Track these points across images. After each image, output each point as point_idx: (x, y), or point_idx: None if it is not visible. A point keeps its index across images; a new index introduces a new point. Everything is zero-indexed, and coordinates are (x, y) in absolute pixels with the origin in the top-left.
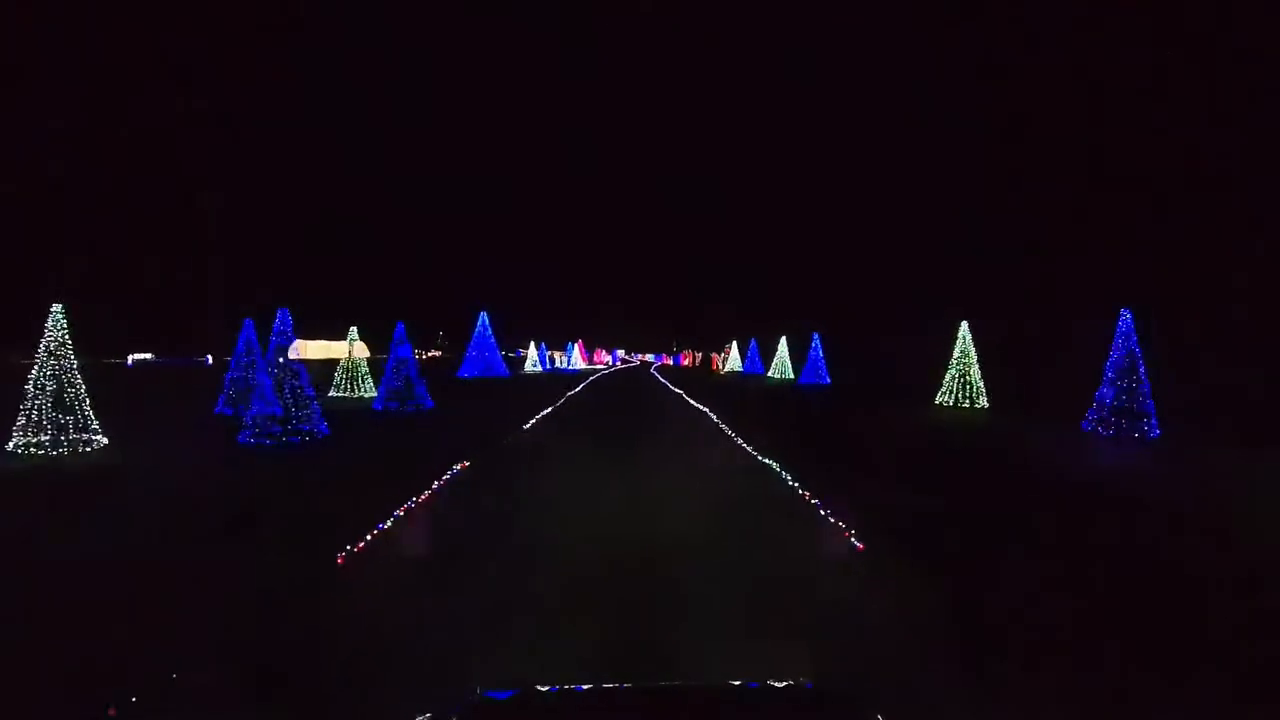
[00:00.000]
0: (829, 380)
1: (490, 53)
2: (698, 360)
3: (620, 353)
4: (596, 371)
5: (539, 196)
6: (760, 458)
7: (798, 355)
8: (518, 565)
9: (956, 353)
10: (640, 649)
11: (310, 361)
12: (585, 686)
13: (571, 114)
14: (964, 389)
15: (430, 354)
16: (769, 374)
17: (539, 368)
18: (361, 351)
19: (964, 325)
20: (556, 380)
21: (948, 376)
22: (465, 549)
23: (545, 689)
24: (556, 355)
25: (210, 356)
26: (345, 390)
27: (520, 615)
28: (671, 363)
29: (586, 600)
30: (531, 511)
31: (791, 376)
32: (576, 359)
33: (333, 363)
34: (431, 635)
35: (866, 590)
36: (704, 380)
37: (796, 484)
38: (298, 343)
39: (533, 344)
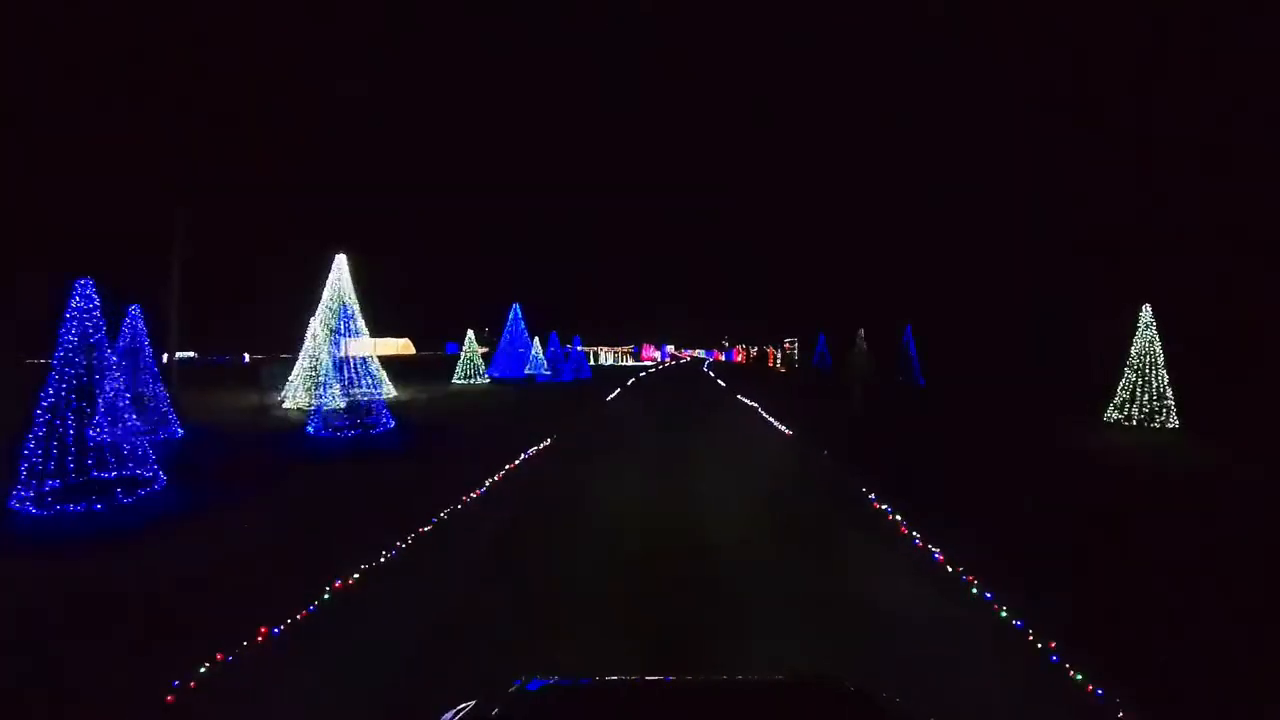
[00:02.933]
0: (923, 382)
1: (519, 43)
2: (752, 356)
3: (670, 348)
4: (643, 370)
5: (579, 186)
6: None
7: (882, 350)
8: None
9: (1136, 348)
10: None
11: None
12: (620, 678)
13: (620, 99)
14: (1145, 400)
15: (479, 349)
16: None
17: (581, 364)
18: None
19: (1146, 311)
20: (589, 385)
21: (1123, 383)
22: None
23: (583, 680)
24: (601, 351)
25: (247, 355)
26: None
27: None
28: (724, 359)
29: None
30: None
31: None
32: (621, 356)
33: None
34: None
35: None
36: (773, 382)
37: None
38: (341, 340)
39: (578, 340)
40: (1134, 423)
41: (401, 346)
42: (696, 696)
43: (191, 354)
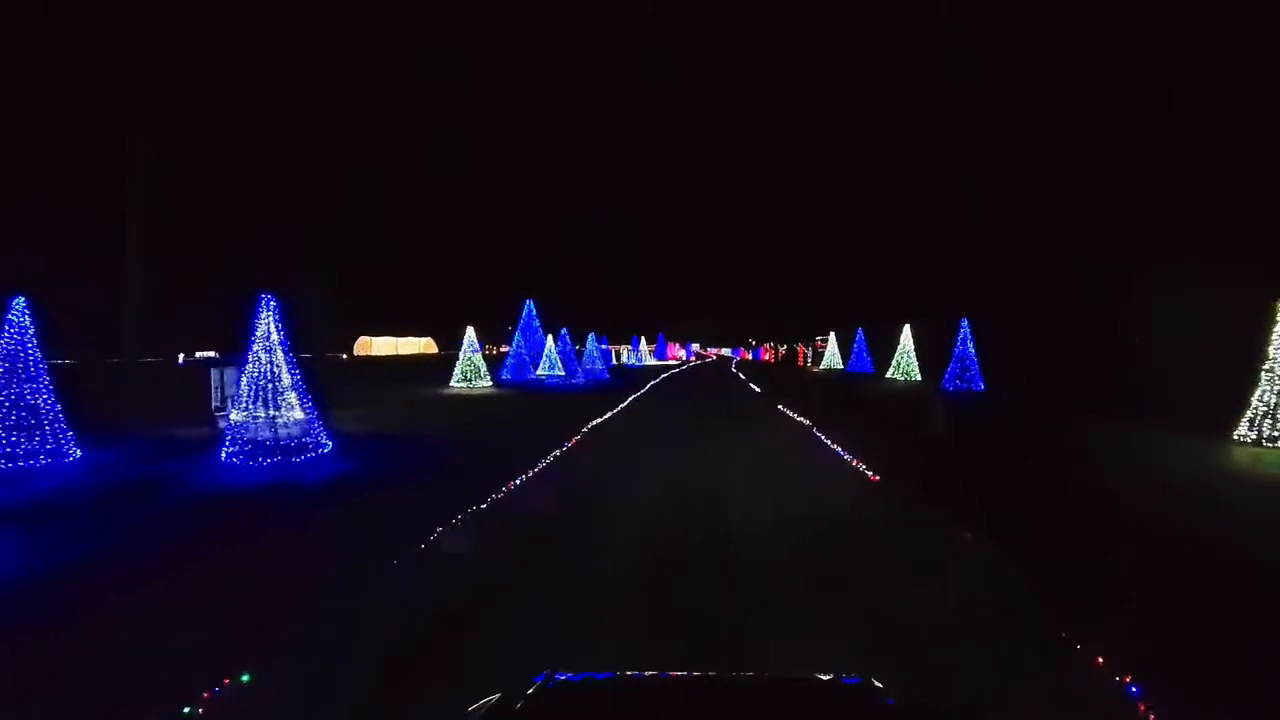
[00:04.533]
0: (982, 386)
1: (547, 36)
2: (780, 355)
3: (695, 347)
4: (666, 370)
5: (606, 173)
6: None
7: (931, 349)
8: None
9: (1276, 343)
10: None
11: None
12: (645, 674)
13: (643, 85)
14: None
15: (502, 349)
16: (890, 375)
17: (599, 364)
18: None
19: None
20: (604, 389)
21: (1259, 392)
22: None
23: (607, 675)
24: (622, 350)
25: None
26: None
27: None
28: (750, 358)
29: None
30: None
31: (918, 377)
32: (644, 355)
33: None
34: None
35: None
36: (813, 386)
37: None
38: (362, 339)
39: (592, 337)
40: (1275, 444)
41: (424, 345)
42: (721, 694)
43: (212, 353)
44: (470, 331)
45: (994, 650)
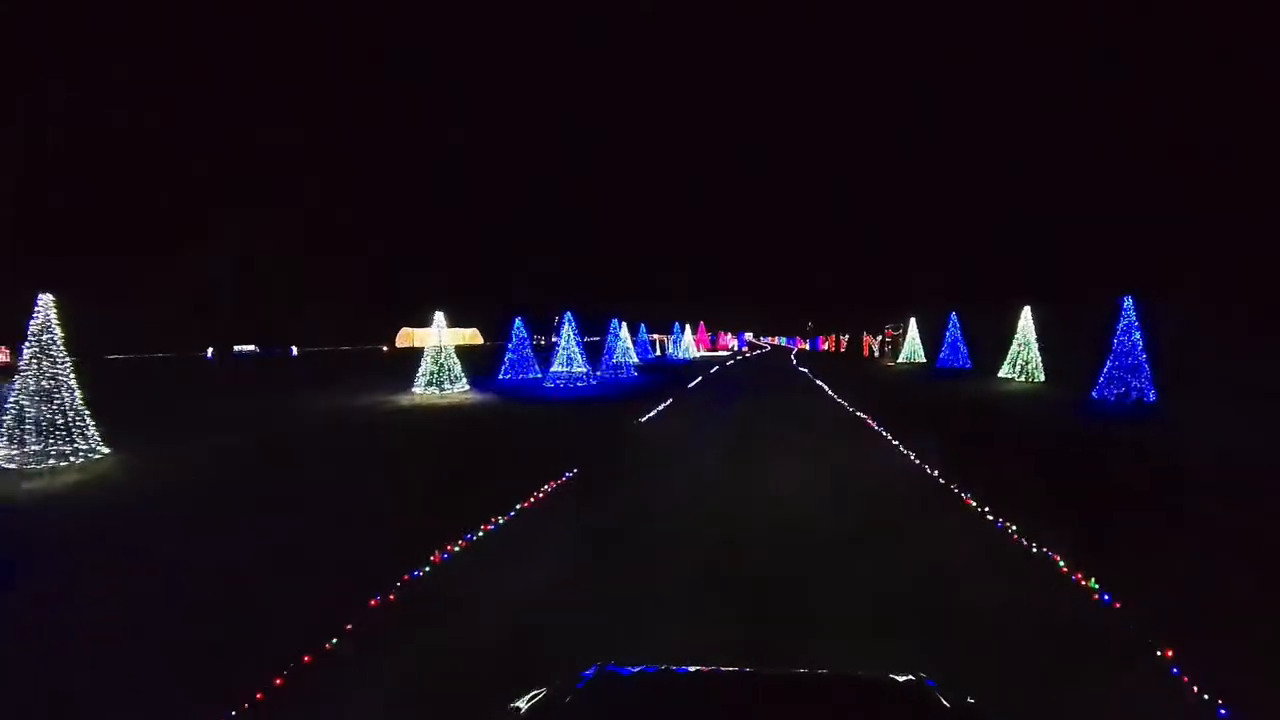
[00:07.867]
0: (1153, 395)
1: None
2: (842, 345)
3: (747, 336)
4: (714, 364)
5: (648, 157)
6: None
7: (1056, 340)
8: None
9: None
10: None
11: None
12: (694, 669)
13: (695, 70)
14: None
15: (553, 340)
16: (1004, 374)
17: (631, 357)
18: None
19: None
20: (616, 397)
21: None
22: None
23: (655, 669)
24: (665, 340)
25: (295, 348)
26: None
27: None
28: (808, 347)
29: None
30: None
31: (1040, 378)
32: (688, 346)
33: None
34: None
35: None
36: (921, 392)
37: None
38: (404, 330)
39: (624, 325)
40: None
41: (469, 336)
42: (772, 690)
43: (252, 346)
44: (439, 317)
45: None
